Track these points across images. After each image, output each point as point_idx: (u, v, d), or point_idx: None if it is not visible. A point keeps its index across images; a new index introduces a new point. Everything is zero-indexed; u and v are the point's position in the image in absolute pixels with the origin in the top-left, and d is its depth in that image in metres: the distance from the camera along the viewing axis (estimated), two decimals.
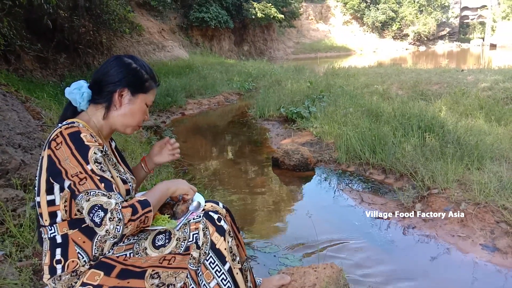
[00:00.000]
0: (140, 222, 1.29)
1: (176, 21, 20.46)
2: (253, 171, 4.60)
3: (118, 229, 1.22)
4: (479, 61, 18.81)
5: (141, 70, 1.49)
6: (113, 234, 1.22)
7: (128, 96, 1.47)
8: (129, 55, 1.55)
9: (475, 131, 4.51)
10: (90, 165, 1.27)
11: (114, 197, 1.24)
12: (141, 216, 1.29)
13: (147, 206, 1.32)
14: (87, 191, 1.24)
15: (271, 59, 25.05)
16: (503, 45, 33.20)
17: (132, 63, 1.48)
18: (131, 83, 1.46)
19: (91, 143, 1.31)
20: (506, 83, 7.01)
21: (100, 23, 11.13)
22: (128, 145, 4.48)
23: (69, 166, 1.26)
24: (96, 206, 1.21)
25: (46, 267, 1.36)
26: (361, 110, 5.87)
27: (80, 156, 1.27)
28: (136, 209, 1.28)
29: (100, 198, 1.23)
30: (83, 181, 1.25)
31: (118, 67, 1.46)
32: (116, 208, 1.22)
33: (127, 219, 1.24)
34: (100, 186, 1.25)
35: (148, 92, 1.52)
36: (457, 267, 2.47)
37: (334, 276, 1.93)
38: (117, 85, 1.44)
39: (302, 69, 13.58)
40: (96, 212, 1.21)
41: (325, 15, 40.37)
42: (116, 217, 1.21)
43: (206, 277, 1.43)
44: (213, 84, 10.60)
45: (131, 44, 14.12)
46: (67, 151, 1.27)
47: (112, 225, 1.21)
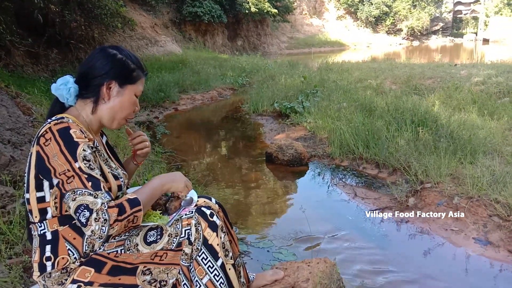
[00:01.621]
0: (128, 221, 1.26)
1: (169, 16, 20.29)
2: (247, 166, 4.59)
3: (104, 230, 1.19)
4: (472, 56, 18.92)
5: (127, 61, 1.45)
6: (99, 234, 1.19)
7: (116, 88, 1.43)
8: (113, 45, 1.51)
9: (468, 125, 4.53)
10: (78, 163, 1.24)
11: (100, 197, 1.21)
12: (129, 215, 1.25)
13: (137, 205, 1.28)
14: (74, 190, 1.21)
15: (265, 54, 24.97)
16: (495, 40, 33.37)
17: (117, 53, 1.44)
18: (118, 74, 1.43)
19: (80, 139, 1.29)
20: (498, 77, 7.05)
21: (92, 17, 10.98)
22: (120, 141, 4.44)
23: (57, 163, 1.24)
24: (82, 206, 1.19)
25: (36, 264, 1.34)
26: (355, 105, 5.88)
27: (69, 153, 1.24)
28: (123, 208, 1.24)
29: (86, 198, 1.20)
30: (70, 179, 1.22)
31: (103, 59, 1.42)
32: (102, 208, 1.19)
33: (113, 220, 1.20)
34: (87, 185, 1.22)
35: (136, 82, 1.48)
36: (450, 261, 2.49)
37: (327, 270, 1.93)
38: (104, 78, 1.41)
39: (296, 64, 13.55)
40: (82, 212, 1.19)
41: (319, 10, 40.28)
42: (101, 218, 1.18)
43: (198, 273, 1.42)
44: (206, 79, 10.55)
45: (124, 39, 13.98)
46: (56, 147, 1.25)
47: (97, 225, 1.18)
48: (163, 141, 5.52)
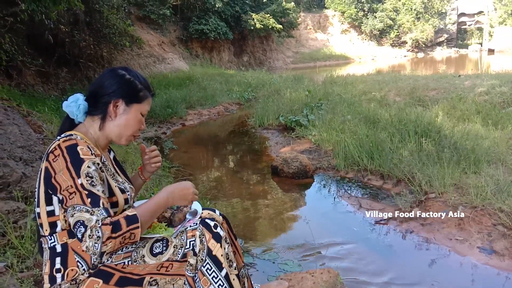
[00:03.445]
0: (124, 238, 1.28)
1: (176, 34, 20.65)
2: (253, 179, 4.63)
3: (96, 247, 1.22)
4: (477, 67, 18.90)
5: (134, 81, 1.53)
6: (92, 251, 1.23)
7: (123, 107, 1.50)
8: (123, 66, 1.60)
9: (472, 136, 4.54)
10: (81, 179, 1.29)
11: (96, 214, 1.25)
12: (125, 232, 1.28)
13: (134, 222, 1.31)
14: (74, 206, 1.26)
15: (270, 69, 25.17)
16: (500, 50, 33.32)
17: (126, 74, 1.52)
18: (125, 93, 1.50)
19: (86, 156, 1.35)
20: (502, 87, 7.04)
21: (101, 37, 11.27)
22: (128, 157, 4.53)
23: (62, 179, 1.29)
24: (79, 222, 1.24)
25: (46, 276, 1.39)
26: (359, 117, 5.91)
27: (73, 170, 1.30)
28: (119, 226, 1.27)
29: (83, 214, 1.25)
30: (71, 195, 1.28)
31: (112, 78, 1.50)
32: (96, 225, 1.23)
33: (105, 237, 1.23)
34: (86, 201, 1.27)
35: (142, 102, 1.55)
36: (455, 270, 2.49)
37: (331, 280, 1.96)
38: (112, 96, 1.48)
39: (301, 78, 13.65)
40: (79, 228, 1.24)
41: (323, 25, 40.65)
42: (95, 235, 1.22)
43: (203, 284, 1.45)
44: (213, 94, 10.67)
45: (132, 57, 14.26)
46: (63, 163, 1.31)
47: (91, 242, 1.22)
48: (171, 156, 5.60)
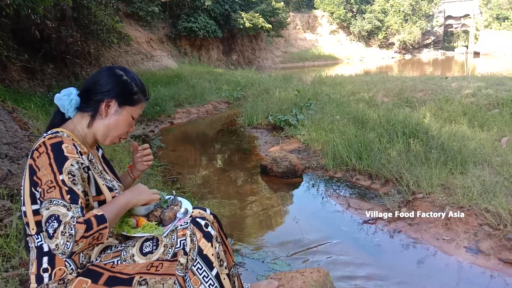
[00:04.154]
0: (93, 239, 1.23)
1: (165, 31, 20.51)
2: (242, 178, 4.62)
3: (68, 246, 1.16)
4: (463, 69, 19.23)
5: (131, 83, 1.50)
6: (62, 249, 1.16)
7: (115, 107, 1.48)
8: (121, 67, 1.57)
9: (459, 137, 4.61)
10: (63, 176, 1.26)
11: (73, 210, 1.21)
12: (95, 233, 1.23)
13: (103, 222, 1.26)
14: (51, 200, 1.21)
15: (259, 68, 25.20)
16: (486, 52, 33.95)
17: (123, 75, 1.50)
18: (120, 94, 1.48)
19: (70, 154, 1.32)
20: (488, 89, 7.18)
21: (88, 33, 11.10)
22: (116, 155, 4.47)
23: (43, 174, 1.26)
24: (53, 216, 1.18)
25: (33, 276, 1.36)
26: (348, 118, 5.95)
27: (56, 166, 1.27)
28: (90, 225, 1.22)
29: (59, 209, 1.19)
30: (50, 189, 1.24)
31: (108, 77, 1.48)
32: (70, 222, 1.17)
33: (79, 236, 1.18)
34: (65, 197, 1.23)
35: (135, 105, 1.53)
36: (442, 270, 2.52)
37: (320, 280, 1.96)
38: (105, 95, 1.46)
39: (290, 78, 13.69)
40: (52, 223, 1.17)
41: (312, 25, 40.82)
42: (67, 232, 1.16)
43: (193, 283, 1.45)
44: (201, 93, 10.62)
45: (120, 54, 14.10)
46: (46, 160, 1.28)
47: (62, 240, 1.15)
48: (159, 155, 5.55)
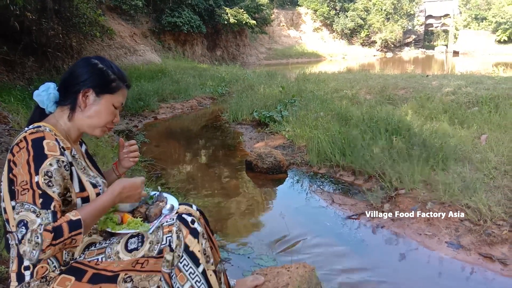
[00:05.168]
0: (65, 245, 1.20)
1: (148, 26, 20.21)
2: (227, 174, 4.60)
3: (34, 254, 1.13)
4: (443, 67, 19.61)
5: (107, 70, 1.45)
6: (29, 257, 1.14)
7: (93, 97, 1.43)
8: (97, 56, 1.52)
9: (440, 134, 4.70)
10: (38, 177, 1.21)
11: (42, 216, 1.17)
12: (67, 239, 1.19)
13: (77, 229, 1.22)
14: (22, 203, 1.18)
15: (243, 64, 25.12)
16: (464, 52, 34.74)
17: (99, 63, 1.45)
18: (96, 83, 1.42)
19: (51, 152, 1.27)
20: (468, 87, 7.33)
21: (70, 26, 10.83)
22: (99, 150, 4.39)
23: (19, 172, 1.22)
24: (22, 222, 1.15)
25: (14, 274, 1.33)
26: (331, 114, 6.00)
27: (33, 165, 1.22)
28: (60, 232, 1.18)
29: (28, 214, 1.16)
30: (24, 191, 1.20)
31: (83, 67, 1.43)
32: (37, 230, 1.14)
33: (45, 245, 1.14)
34: (37, 201, 1.19)
35: (114, 93, 1.47)
36: (424, 264, 2.57)
37: (306, 275, 1.97)
38: (82, 86, 1.41)
39: (274, 74, 13.70)
40: (20, 229, 1.15)
41: (296, 22, 40.93)
42: (34, 240, 1.13)
43: (180, 280, 1.43)
44: (186, 88, 10.53)
45: (102, 48, 13.83)
46: (25, 156, 1.24)
47: (28, 247, 1.13)
48: (143, 150, 5.48)
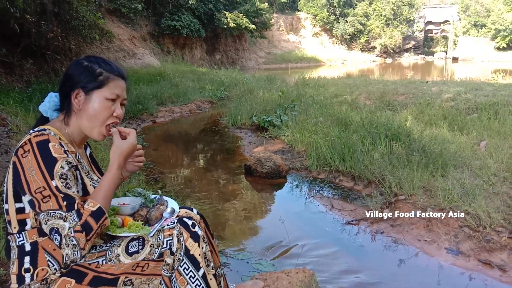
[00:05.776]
0: (97, 234, 1.29)
1: (147, 29, 20.27)
2: (226, 179, 4.60)
3: (76, 254, 1.23)
4: (443, 73, 19.70)
5: (92, 66, 1.42)
6: (73, 258, 1.23)
7: (83, 96, 1.41)
8: (87, 55, 1.52)
9: (439, 140, 4.71)
10: (55, 181, 1.24)
11: (69, 219, 1.23)
12: (97, 229, 1.29)
13: (102, 216, 1.30)
14: (48, 211, 1.23)
15: (243, 68, 25.20)
16: (464, 58, 34.96)
17: (84, 61, 1.43)
18: (84, 82, 1.40)
19: (59, 154, 1.28)
20: (467, 94, 7.35)
21: (69, 28, 10.84)
22: (98, 153, 4.38)
23: (34, 179, 1.23)
24: (53, 230, 1.22)
25: (14, 276, 1.32)
26: (331, 119, 6.01)
27: (46, 170, 1.24)
28: (90, 227, 1.26)
29: (56, 221, 1.22)
30: (46, 199, 1.22)
31: (73, 69, 1.43)
32: (69, 234, 1.21)
33: (82, 244, 1.24)
34: (62, 205, 1.24)
35: (104, 86, 1.41)
36: (424, 270, 2.56)
37: (306, 280, 1.97)
38: (72, 88, 1.41)
39: (273, 79, 13.73)
40: (54, 236, 1.23)
41: (296, 27, 41.12)
42: (70, 244, 1.21)
43: (180, 283, 1.43)
44: (185, 92, 10.55)
45: (101, 51, 13.85)
46: (33, 161, 1.24)
47: (69, 250, 1.22)
48: None
